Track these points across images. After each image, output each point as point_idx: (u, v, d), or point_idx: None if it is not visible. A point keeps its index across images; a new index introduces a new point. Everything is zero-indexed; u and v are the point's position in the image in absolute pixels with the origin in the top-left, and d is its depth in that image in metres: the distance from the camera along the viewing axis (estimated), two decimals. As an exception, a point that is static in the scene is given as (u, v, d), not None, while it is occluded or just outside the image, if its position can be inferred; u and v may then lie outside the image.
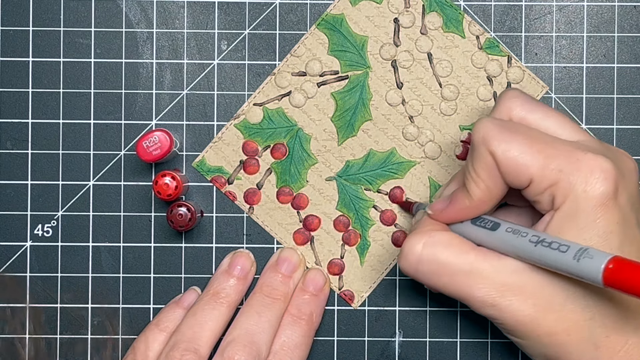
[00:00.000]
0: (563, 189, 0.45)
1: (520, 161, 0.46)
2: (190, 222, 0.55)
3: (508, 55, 0.58)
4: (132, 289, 0.58)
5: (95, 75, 0.59)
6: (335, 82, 0.58)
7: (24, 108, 0.58)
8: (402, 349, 0.59)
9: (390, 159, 0.58)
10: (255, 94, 0.58)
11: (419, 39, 0.58)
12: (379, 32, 0.58)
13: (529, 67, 0.58)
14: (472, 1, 0.58)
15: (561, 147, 0.46)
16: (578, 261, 0.43)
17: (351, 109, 0.58)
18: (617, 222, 0.45)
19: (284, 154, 0.58)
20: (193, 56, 0.59)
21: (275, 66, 0.59)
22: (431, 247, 0.48)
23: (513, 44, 0.58)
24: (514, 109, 0.49)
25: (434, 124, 0.58)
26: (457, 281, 0.47)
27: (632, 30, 0.59)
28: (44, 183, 0.58)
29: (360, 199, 0.58)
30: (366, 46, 0.58)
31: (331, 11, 0.58)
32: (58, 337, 0.58)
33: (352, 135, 0.58)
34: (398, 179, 0.58)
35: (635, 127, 0.58)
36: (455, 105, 0.58)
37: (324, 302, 0.57)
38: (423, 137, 0.58)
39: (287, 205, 0.58)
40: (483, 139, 0.46)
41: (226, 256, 0.58)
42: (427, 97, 0.58)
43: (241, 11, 0.59)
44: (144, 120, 0.59)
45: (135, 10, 0.59)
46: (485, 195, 0.48)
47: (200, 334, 0.53)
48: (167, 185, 0.55)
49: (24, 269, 0.58)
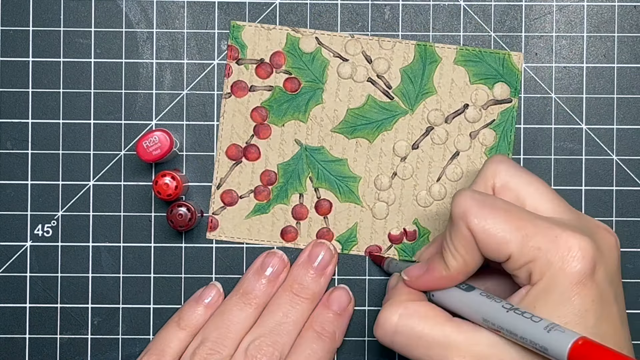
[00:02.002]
0: (540, 266, 0.45)
1: (499, 238, 0.46)
2: (190, 222, 0.55)
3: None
4: (132, 289, 0.58)
5: (95, 75, 0.59)
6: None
7: (24, 108, 0.58)
8: (402, 349, 0.58)
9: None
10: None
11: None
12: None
13: (529, 67, 0.58)
14: (472, 1, 0.58)
15: (540, 224, 0.46)
16: (549, 332, 0.43)
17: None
18: (593, 300, 0.45)
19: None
20: (193, 56, 0.59)
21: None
22: (407, 318, 0.49)
23: (513, 44, 0.58)
24: (499, 173, 0.49)
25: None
26: (433, 353, 0.48)
27: (632, 30, 0.59)
28: (44, 183, 0.58)
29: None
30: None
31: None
32: (58, 337, 0.58)
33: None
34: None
35: (635, 127, 0.58)
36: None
37: (347, 322, 0.57)
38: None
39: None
40: (462, 215, 0.47)
41: (259, 256, 0.58)
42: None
43: (241, 11, 0.59)
44: (144, 120, 0.59)
45: (135, 10, 0.58)
46: (461, 267, 0.48)
47: (227, 335, 0.54)
48: (167, 185, 0.55)
49: (24, 269, 0.58)
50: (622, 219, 0.58)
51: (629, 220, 0.58)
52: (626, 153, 0.58)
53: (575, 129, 0.58)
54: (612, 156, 0.58)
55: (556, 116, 0.58)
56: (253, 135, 0.58)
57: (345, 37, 0.58)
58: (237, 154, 0.58)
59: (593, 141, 0.58)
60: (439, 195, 0.58)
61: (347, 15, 0.59)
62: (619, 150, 0.58)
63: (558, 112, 0.59)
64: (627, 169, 0.58)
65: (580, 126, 0.59)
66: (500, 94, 0.58)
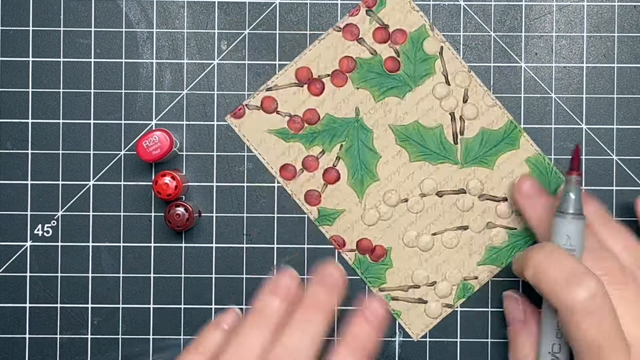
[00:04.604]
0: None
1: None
2: (187, 222, 0.55)
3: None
4: (132, 289, 0.58)
5: (95, 75, 0.59)
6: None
7: (24, 108, 0.58)
8: (402, 349, 0.58)
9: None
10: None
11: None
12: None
13: (529, 67, 0.58)
14: (472, 1, 0.58)
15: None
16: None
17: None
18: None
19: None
20: (193, 56, 0.59)
21: (275, 66, 0.59)
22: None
23: (513, 44, 0.58)
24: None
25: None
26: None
27: (632, 30, 0.58)
28: (44, 183, 0.58)
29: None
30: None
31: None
32: (58, 337, 0.58)
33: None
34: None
35: (635, 127, 0.58)
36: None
37: (380, 334, 0.54)
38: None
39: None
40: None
41: (273, 275, 0.57)
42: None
43: (241, 11, 0.59)
44: (144, 120, 0.59)
45: (135, 10, 0.59)
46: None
47: (244, 356, 0.53)
48: (167, 185, 0.55)
49: (24, 269, 0.58)
50: (622, 219, 0.58)
51: (629, 220, 0.58)
52: (626, 153, 0.58)
53: (575, 129, 0.58)
54: (612, 156, 0.58)
55: (556, 116, 0.58)
56: (329, 75, 0.58)
57: (464, 68, 0.58)
58: (304, 78, 0.58)
59: (593, 141, 0.58)
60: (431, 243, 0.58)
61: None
62: (619, 150, 0.58)
63: (558, 112, 0.58)
64: (627, 169, 0.58)
65: (580, 126, 0.58)
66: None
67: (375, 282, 0.58)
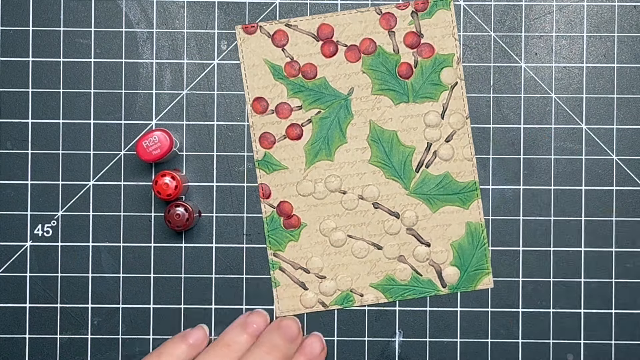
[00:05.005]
0: None
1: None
2: (187, 222, 0.55)
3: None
4: (132, 289, 0.58)
5: (95, 75, 0.59)
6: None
7: (24, 108, 0.58)
8: (402, 349, 0.59)
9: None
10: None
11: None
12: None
13: (529, 67, 0.58)
14: (472, 1, 0.58)
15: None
16: None
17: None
18: None
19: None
20: (193, 56, 0.59)
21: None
22: None
23: (513, 44, 0.58)
24: None
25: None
26: None
27: (632, 30, 0.58)
28: (44, 183, 0.58)
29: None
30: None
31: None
32: (58, 337, 0.58)
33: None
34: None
35: (635, 127, 0.58)
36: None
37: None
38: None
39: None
40: None
41: (243, 314, 0.58)
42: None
43: (241, 11, 0.59)
44: (144, 120, 0.59)
45: (135, 10, 0.59)
46: None
47: None
48: (167, 185, 0.55)
49: (24, 269, 0.58)
50: (622, 219, 0.58)
51: (629, 220, 0.58)
52: (626, 153, 0.58)
53: (575, 129, 0.58)
54: (612, 156, 0.58)
55: (556, 116, 0.58)
56: (346, 46, 0.58)
57: (464, 112, 0.58)
58: (324, 35, 0.58)
59: (593, 141, 0.58)
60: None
61: (347, 15, 0.59)
62: (619, 150, 0.58)
63: (558, 112, 0.58)
64: (627, 169, 0.58)
65: (580, 126, 0.58)
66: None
67: (275, 245, 0.58)
